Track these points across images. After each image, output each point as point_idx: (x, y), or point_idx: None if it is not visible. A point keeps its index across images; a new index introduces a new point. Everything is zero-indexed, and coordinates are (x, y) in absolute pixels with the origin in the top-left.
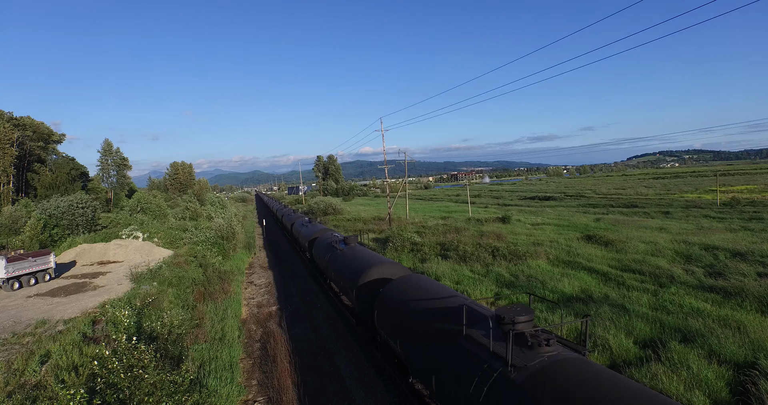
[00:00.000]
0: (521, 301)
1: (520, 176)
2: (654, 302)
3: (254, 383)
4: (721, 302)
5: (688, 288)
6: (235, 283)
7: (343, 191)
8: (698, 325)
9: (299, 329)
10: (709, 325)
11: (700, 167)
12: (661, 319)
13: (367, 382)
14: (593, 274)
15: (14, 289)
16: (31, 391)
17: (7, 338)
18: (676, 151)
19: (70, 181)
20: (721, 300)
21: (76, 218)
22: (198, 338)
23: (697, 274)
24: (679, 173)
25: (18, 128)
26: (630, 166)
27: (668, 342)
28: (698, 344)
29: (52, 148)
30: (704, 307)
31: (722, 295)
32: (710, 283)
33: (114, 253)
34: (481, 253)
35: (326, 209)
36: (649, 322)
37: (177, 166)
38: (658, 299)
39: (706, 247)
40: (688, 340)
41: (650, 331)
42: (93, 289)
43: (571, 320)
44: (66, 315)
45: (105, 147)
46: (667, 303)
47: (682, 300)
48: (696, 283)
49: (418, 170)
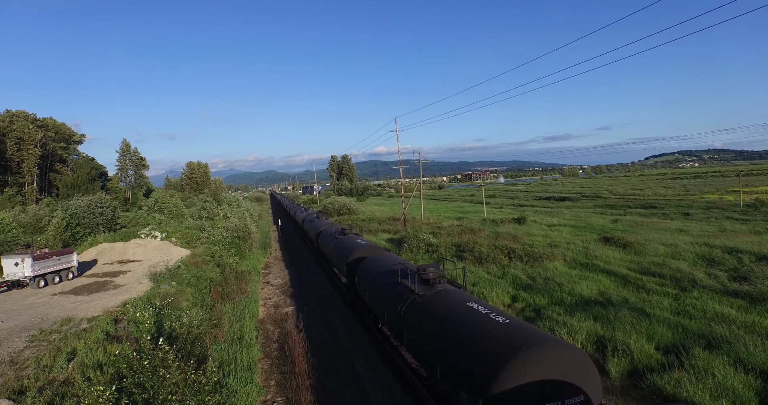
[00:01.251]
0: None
1: (535, 176)
2: (676, 307)
3: (273, 384)
4: (747, 308)
5: (711, 292)
6: (252, 283)
7: (358, 191)
8: (723, 331)
9: (316, 330)
10: (735, 331)
11: (721, 167)
12: (684, 325)
13: (385, 384)
14: (611, 276)
15: (40, 286)
16: (59, 388)
17: (35, 335)
18: (695, 151)
19: (90, 180)
20: (747, 305)
21: (96, 217)
22: (217, 338)
23: (721, 278)
24: (699, 173)
25: (41, 129)
26: (648, 166)
27: (692, 348)
28: (724, 351)
29: (73, 149)
30: (729, 312)
31: (748, 300)
32: (735, 288)
33: (133, 252)
34: (496, 255)
35: (340, 209)
36: (671, 327)
37: (193, 166)
38: (679, 304)
39: (730, 250)
40: (712, 347)
41: (672, 336)
42: (114, 288)
43: (452, 268)
44: (89, 313)
45: (123, 147)
46: (689, 308)
47: (705, 305)
48: (720, 288)
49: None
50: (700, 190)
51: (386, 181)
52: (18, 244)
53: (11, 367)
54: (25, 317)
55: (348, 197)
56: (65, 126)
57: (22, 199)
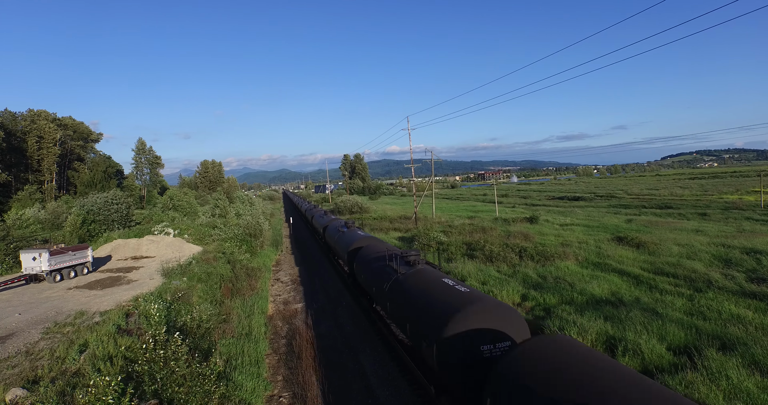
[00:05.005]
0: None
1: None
2: (689, 307)
3: (279, 379)
4: (766, 310)
5: (727, 293)
6: (262, 280)
7: (370, 190)
8: (739, 332)
9: (324, 326)
10: (752, 332)
11: (741, 167)
12: (697, 325)
13: (391, 380)
14: (624, 276)
15: (56, 281)
16: (71, 379)
17: (50, 327)
18: (714, 150)
19: (106, 178)
20: (766, 307)
21: (111, 214)
22: (225, 333)
23: (738, 279)
24: (718, 173)
25: (60, 128)
26: (664, 166)
27: (705, 349)
28: (739, 353)
29: (91, 147)
30: (746, 314)
31: (767, 302)
32: (753, 290)
33: (146, 249)
34: (507, 254)
35: (352, 208)
36: (684, 327)
37: (207, 164)
38: (693, 304)
39: (748, 250)
40: (727, 349)
41: (685, 337)
42: (127, 283)
43: (426, 253)
44: (102, 307)
45: (139, 146)
46: (703, 308)
47: (720, 306)
48: (736, 289)
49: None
50: (719, 191)
51: (399, 180)
52: (36, 240)
53: (27, 358)
54: (41, 310)
55: (360, 196)
56: (83, 125)
57: (41, 197)
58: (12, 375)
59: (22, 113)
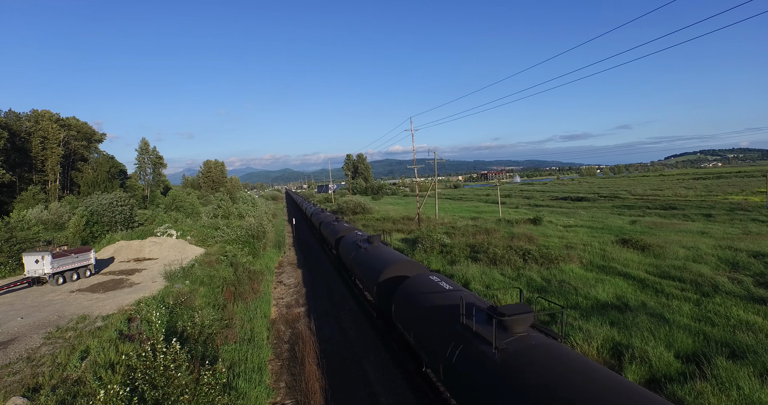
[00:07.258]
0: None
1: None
2: (696, 312)
3: (282, 385)
4: None
5: (735, 298)
6: (265, 283)
7: (372, 190)
8: (749, 339)
9: (328, 331)
10: (762, 340)
11: (746, 167)
12: (705, 332)
13: (395, 388)
14: (629, 280)
15: (59, 283)
16: (72, 387)
17: (52, 332)
18: (719, 150)
19: (109, 178)
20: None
21: (115, 215)
22: (228, 339)
23: (746, 283)
24: (723, 173)
25: (64, 128)
26: (668, 166)
27: (714, 357)
28: (749, 361)
29: (94, 147)
30: (755, 320)
31: None
32: (761, 294)
33: (149, 251)
34: (511, 256)
35: (355, 208)
36: (692, 334)
37: (210, 164)
38: (701, 309)
39: (755, 253)
40: (736, 356)
41: (693, 343)
42: (129, 286)
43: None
44: (104, 311)
45: (142, 146)
46: (711, 314)
47: (728, 311)
48: (744, 294)
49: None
50: (724, 191)
51: (401, 180)
52: (39, 241)
53: (28, 364)
54: (44, 314)
55: (363, 196)
56: (87, 125)
57: (45, 197)
58: (13, 382)
59: (26, 114)
